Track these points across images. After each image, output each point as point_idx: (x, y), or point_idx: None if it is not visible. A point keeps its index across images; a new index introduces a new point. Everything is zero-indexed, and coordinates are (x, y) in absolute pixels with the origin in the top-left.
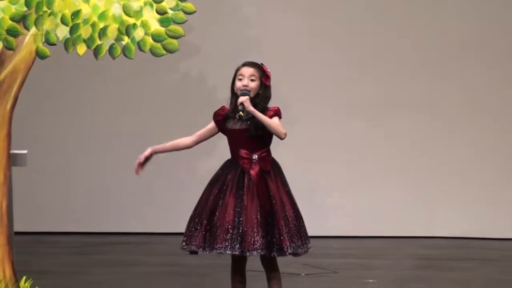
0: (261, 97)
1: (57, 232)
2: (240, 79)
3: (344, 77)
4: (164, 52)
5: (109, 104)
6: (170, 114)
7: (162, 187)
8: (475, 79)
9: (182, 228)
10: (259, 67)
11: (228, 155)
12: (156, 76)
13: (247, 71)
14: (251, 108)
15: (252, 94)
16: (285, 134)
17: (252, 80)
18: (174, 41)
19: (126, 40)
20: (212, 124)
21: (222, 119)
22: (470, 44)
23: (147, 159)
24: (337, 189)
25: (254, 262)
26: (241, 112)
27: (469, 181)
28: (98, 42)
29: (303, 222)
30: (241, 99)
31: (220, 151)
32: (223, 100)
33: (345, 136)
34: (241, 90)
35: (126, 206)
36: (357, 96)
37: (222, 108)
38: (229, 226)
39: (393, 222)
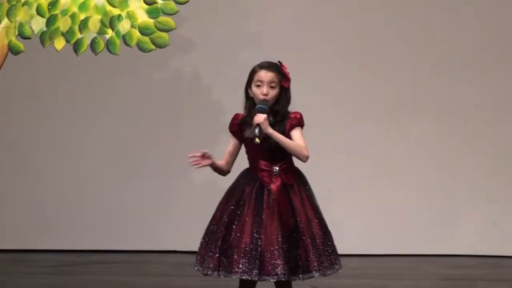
0: (282, 103)
1: (33, 250)
2: (258, 86)
3: (354, 76)
4: (153, 47)
5: (90, 106)
6: (159, 117)
7: (151, 201)
8: (497, 80)
9: (173, 246)
10: (278, 70)
11: (239, 165)
12: (144, 74)
13: (266, 76)
14: (269, 131)
15: (271, 103)
16: (307, 158)
17: (272, 87)
18: (164, 34)
19: (110, 33)
20: (232, 138)
21: (239, 129)
22: (489, 44)
23: (207, 157)
24: (349, 201)
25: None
26: (257, 139)
27: (497, 192)
28: (79, 35)
29: (331, 238)
30: (257, 119)
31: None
32: (220, 101)
33: (356, 142)
34: (258, 104)
35: (112, 220)
36: (368, 98)
37: (236, 116)
38: (246, 248)
39: (413, 238)
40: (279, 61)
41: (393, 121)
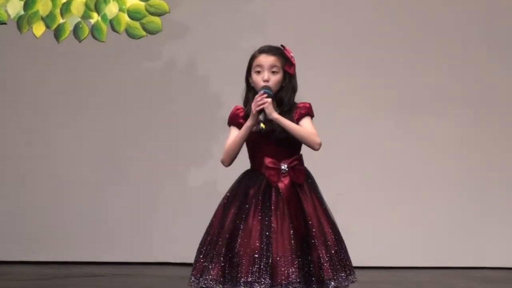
0: (286, 90)
1: (8, 262)
2: (258, 72)
3: (368, 68)
4: (144, 33)
5: (71, 101)
6: (149, 113)
7: (141, 207)
8: None
9: (166, 257)
10: (280, 53)
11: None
12: (134, 64)
13: (267, 60)
14: (275, 115)
15: (274, 90)
16: (320, 145)
17: (273, 72)
18: (157, 19)
19: (95, 18)
20: (235, 130)
21: (244, 122)
22: None
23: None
24: (362, 207)
25: None
26: (262, 124)
27: None
28: (60, 20)
29: (345, 247)
30: (259, 102)
31: (205, 156)
32: (218, 94)
33: (370, 141)
34: (261, 89)
35: (97, 229)
36: (384, 91)
37: (237, 108)
38: (256, 255)
39: (435, 249)
40: (281, 45)
41: (413, 117)
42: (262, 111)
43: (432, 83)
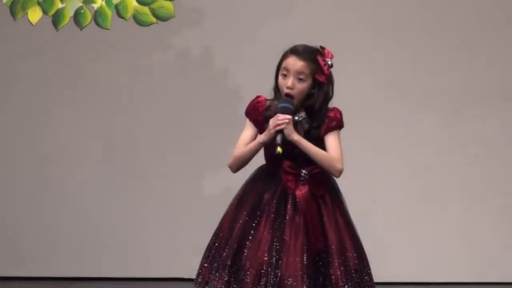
0: (316, 99)
1: (7, 277)
2: (285, 75)
3: (410, 59)
4: (154, 19)
5: (72, 96)
6: (160, 109)
7: (145, 216)
8: None
9: (171, 272)
10: (313, 59)
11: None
12: (142, 54)
13: (295, 65)
14: (295, 137)
15: (296, 100)
16: (340, 172)
17: (300, 79)
18: (168, 3)
19: (99, 2)
20: (252, 126)
21: (263, 119)
22: None
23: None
24: (399, 216)
25: None
26: (278, 148)
27: None
28: (59, 5)
29: (368, 267)
30: (279, 122)
31: (222, 159)
32: (236, 89)
33: (409, 142)
34: (280, 103)
35: (95, 241)
36: (428, 85)
37: (259, 100)
38: (263, 270)
39: (480, 263)
40: (321, 46)
41: (461, 115)
42: (280, 131)
43: (483, 78)
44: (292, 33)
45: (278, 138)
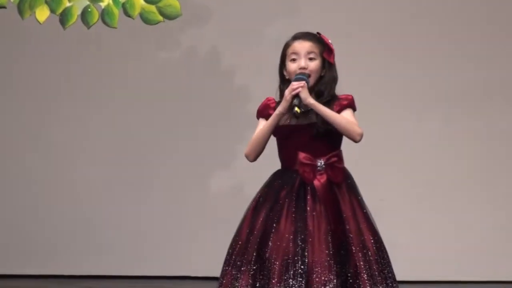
0: (327, 81)
1: (13, 275)
2: (294, 59)
3: (417, 58)
4: (161, 18)
5: (79, 95)
6: (167, 108)
7: (157, 214)
8: None
9: (186, 271)
10: (317, 40)
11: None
12: (149, 53)
13: (303, 46)
14: (311, 101)
15: (313, 79)
16: (361, 135)
17: (311, 59)
18: (175, 2)
19: (106, 1)
20: (264, 122)
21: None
22: None
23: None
24: (407, 214)
25: None
26: (296, 108)
27: None
28: (66, 4)
29: (388, 258)
30: (295, 86)
31: (230, 157)
32: (243, 88)
33: (417, 140)
34: (297, 75)
35: (105, 239)
36: (434, 84)
37: (269, 99)
38: (290, 260)
39: (488, 262)
40: (318, 32)
41: (464, 114)
42: (296, 96)
43: (486, 76)
44: (298, 31)
45: (295, 101)
